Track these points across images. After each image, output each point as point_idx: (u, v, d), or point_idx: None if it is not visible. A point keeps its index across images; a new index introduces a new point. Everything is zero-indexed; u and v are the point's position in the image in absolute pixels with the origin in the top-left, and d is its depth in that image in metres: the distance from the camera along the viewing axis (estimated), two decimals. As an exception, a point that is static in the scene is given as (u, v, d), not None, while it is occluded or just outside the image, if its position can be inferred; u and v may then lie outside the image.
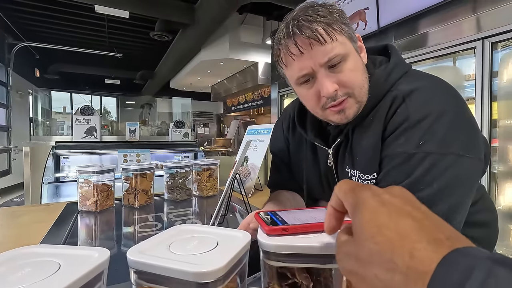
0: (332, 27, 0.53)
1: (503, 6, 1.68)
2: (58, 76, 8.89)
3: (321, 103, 0.57)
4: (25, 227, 0.81)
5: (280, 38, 0.57)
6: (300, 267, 0.29)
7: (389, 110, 0.57)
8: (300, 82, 0.58)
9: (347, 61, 0.55)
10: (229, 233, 0.31)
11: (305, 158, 0.75)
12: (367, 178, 0.61)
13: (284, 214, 0.35)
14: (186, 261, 0.24)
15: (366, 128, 0.60)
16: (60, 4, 4.88)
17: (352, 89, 0.56)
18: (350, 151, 0.63)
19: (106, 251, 0.25)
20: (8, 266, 0.24)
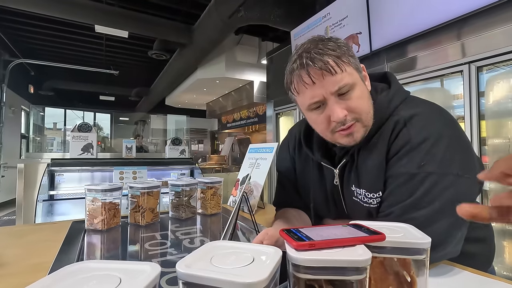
0: (341, 59, 0.60)
1: (486, 33, 1.81)
2: (53, 92, 8.88)
3: (331, 127, 0.63)
4: (34, 246, 0.81)
5: (293, 68, 0.63)
6: (327, 279, 0.32)
7: (391, 133, 0.63)
8: (311, 108, 0.64)
9: (355, 89, 0.61)
10: (261, 249, 0.34)
11: (312, 178, 0.79)
12: (373, 196, 0.65)
13: (307, 231, 0.38)
14: (231, 273, 0.27)
15: (371, 149, 0.65)
16: (59, 22, 4.97)
17: (360, 114, 0.62)
18: (356, 171, 0.68)
19: (157, 266, 0.28)
20: (73, 279, 0.26)
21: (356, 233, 0.38)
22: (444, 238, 0.55)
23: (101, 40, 6.04)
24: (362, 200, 0.67)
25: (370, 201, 0.65)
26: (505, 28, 1.71)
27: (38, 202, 2.31)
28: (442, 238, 0.55)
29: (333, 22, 2.80)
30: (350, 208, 0.73)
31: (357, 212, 0.70)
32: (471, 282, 0.55)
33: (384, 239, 0.37)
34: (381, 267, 0.41)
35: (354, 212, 0.72)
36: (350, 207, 0.73)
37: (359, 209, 0.69)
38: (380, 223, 0.45)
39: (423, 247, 0.38)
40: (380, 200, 0.64)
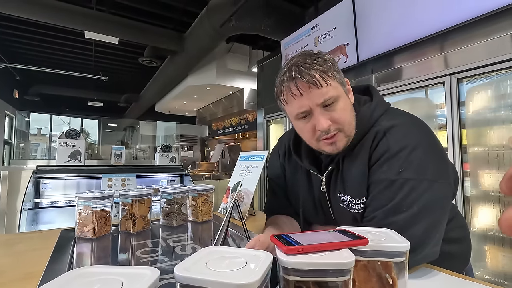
0: (327, 74, 0.65)
1: (467, 47, 1.91)
2: (39, 97, 8.69)
3: (316, 136, 0.68)
4: (24, 255, 0.80)
5: (283, 80, 0.68)
6: (314, 281, 0.35)
7: (372, 142, 0.68)
8: (298, 117, 0.69)
9: (339, 102, 0.66)
10: (253, 253, 0.36)
11: (301, 184, 0.82)
12: (357, 202, 0.69)
13: (296, 236, 0.41)
14: (226, 276, 0.29)
15: (355, 157, 0.70)
16: (46, 27, 4.92)
17: (343, 125, 0.67)
18: (341, 178, 0.72)
19: (156, 270, 0.30)
20: (80, 282, 0.28)
21: (341, 238, 0.41)
22: (423, 240, 0.59)
23: (90, 46, 5.99)
24: (347, 206, 0.71)
25: (355, 206, 0.69)
26: (483, 42, 1.82)
27: (22, 210, 2.25)
28: (421, 240, 0.59)
29: (321, 33, 2.89)
30: (337, 213, 0.76)
31: (343, 218, 0.73)
32: (448, 284, 0.58)
33: (367, 243, 0.40)
34: (364, 269, 0.43)
35: (341, 217, 0.75)
36: (337, 213, 0.76)
37: (345, 215, 0.72)
38: (364, 228, 0.48)
39: (402, 250, 0.41)
40: (364, 205, 0.68)
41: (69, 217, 2.34)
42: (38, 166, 2.60)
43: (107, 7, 4.33)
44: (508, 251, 1.76)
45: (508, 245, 1.76)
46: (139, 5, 4.41)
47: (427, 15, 2.03)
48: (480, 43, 1.84)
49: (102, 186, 2.57)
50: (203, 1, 3.94)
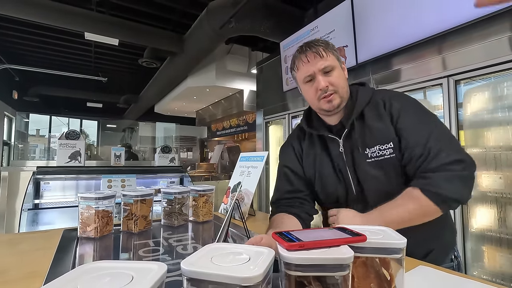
0: (328, 49, 0.87)
1: (465, 49, 1.93)
2: (38, 98, 8.68)
3: (317, 95, 0.87)
4: (27, 255, 0.81)
5: (296, 54, 0.91)
6: (315, 275, 0.36)
7: (385, 104, 0.87)
8: (305, 80, 0.89)
9: (335, 71, 0.87)
10: (256, 249, 0.37)
11: (318, 154, 0.95)
12: (386, 147, 0.83)
13: (297, 233, 0.42)
14: (231, 270, 0.31)
15: (373, 116, 0.87)
16: (46, 28, 4.93)
17: (337, 87, 0.87)
18: (363, 135, 0.86)
19: (163, 265, 0.31)
20: (90, 276, 0.29)
21: (341, 234, 0.42)
22: (465, 153, 0.78)
23: (90, 47, 6.00)
24: (376, 155, 0.84)
25: (384, 152, 0.83)
26: (481, 44, 1.84)
27: (22, 211, 2.25)
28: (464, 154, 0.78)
29: (321, 35, 2.91)
30: (362, 172, 0.86)
31: (367, 175, 0.86)
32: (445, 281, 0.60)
33: (365, 240, 0.41)
34: (363, 266, 0.45)
35: (365, 175, 0.86)
36: (361, 171, 0.87)
37: (369, 172, 0.85)
38: (362, 226, 0.49)
39: (399, 246, 0.42)
40: (392, 150, 0.82)
41: (69, 218, 2.35)
42: (38, 167, 2.61)
43: (107, 8, 4.35)
44: (505, 251, 1.78)
45: (506, 246, 1.78)
46: (139, 6, 4.43)
47: (425, 18, 2.05)
48: (477, 45, 1.86)
49: (102, 187, 2.58)
50: (203, 3, 3.96)
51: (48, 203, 2.51)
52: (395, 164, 0.83)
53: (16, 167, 3.50)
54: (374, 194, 0.86)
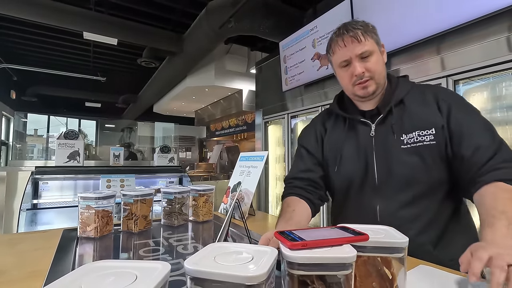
0: (367, 33, 0.83)
1: (464, 49, 1.93)
2: (36, 98, 8.65)
3: (352, 81, 0.85)
4: (27, 255, 0.81)
5: (333, 36, 0.87)
6: (318, 274, 0.36)
7: (435, 96, 0.83)
8: (341, 65, 0.86)
9: (373, 56, 0.83)
10: (259, 249, 0.37)
11: (345, 136, 0.93)
12: (426, 133, 0.80)
13: (299, 232, 0.42)
14: (234, 269, 0.31)
15: (417, 102, 0.84)
16: (44, 28, 4.91)
17: (374, 74, 0.83)
18: (401, 121, 0.83)
19: (167, 264, 0.31)
20: (94, 275, 0.29)
21: (343, 234, 0.42)
22: None
23: (88, 47, 5.99)
24: (414, 142, 0.80)
25: (423, 138, 0.80)
26: (479, 45, 1.84)
27: (21, 211, 2.24)
28: None
29: (320, 35, 2.91)
30: (394, 157, 0.83)
31: (403, 157, 0.81)
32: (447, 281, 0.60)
33: (368, 239, 0.42)
34: (365, 265, 0.45)
35: (399, 159, 0.82)
36: (394, 157, 0.83)
37: (407, 155, 0.81)
38: (363, 226, 0.49)
39: (401, 246, 0.42)
40: (433, 137, 0.79)
41: (68, 218, 2.34)
42: (37, 167, 2.60)
43: (106, 8, 4.34)
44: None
45: None
46: (138, 6, 4.42)
47: (424, 18, 2.06)
48: (476, 46, 1.87)
49: (101, 187, 2.57)
50: (202, 3, 3.95)
51: (46, 203, 2.51)
52: (434, 152, 0.79)
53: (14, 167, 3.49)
54: (398, 182, 0.82)
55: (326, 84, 3.01)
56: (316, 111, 3.12)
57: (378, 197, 0.85)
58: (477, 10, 1.76)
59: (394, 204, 0.83)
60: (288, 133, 3.57)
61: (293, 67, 3.34)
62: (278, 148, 3.94)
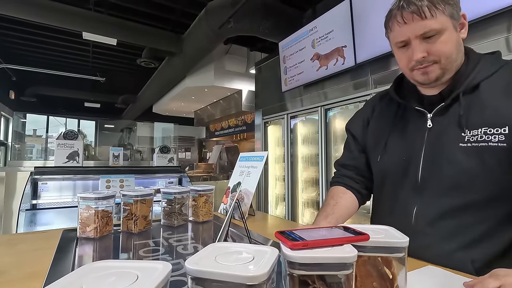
0: (435, 5, 0.65)
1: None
2: (35, 98, 8.64)
3: (410, 65, 0.71)
4: (27, 255, 0.81)
5: (392, 8, 0.72)
6: (318, 274, 0.36)
7: None
8: (398, 46, 0.72)
9: (443, 35, 0.66)
10: (260, 249, 0.37)
11: (393, 123, 0.82)
12: (496, 132, 0.63)
13: (300, 232, 0.42)
14: (235, 269, 0.31)
15: (493, 90, 0.67)
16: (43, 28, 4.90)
17: (439, 57, 0.68)
18: (468, 113, 0.68)
19: (168, 264, 0.31)
20: (95, 275, 0.29)
21: (344, 234, 0.42)
22: None
23: (88, 47, 5.98)
24: (478, 140, 0.65)
25: (491, 138, 0.64)
26: (479, 45, 1.85)
27: (20, 212, 2.24)
28: None
29: (319, 35, 2.91)
30: (447, 155, 0.70)
31: (459, 158, 0.67)
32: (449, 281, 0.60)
33: (368, 239, 0.42)
34: (366, 265, 0.45)
35: (452, 159, 0.69)
36: (447, 155, 0.70)
37: (464, 155, 0.67)
38: (364, 226, 0.49)
39: (402, 245, 0.43)
40: (504, 137, 0.62)
41: (67, 219, 2.33)
42: (36, 167, 2.60)
43: (105, 8, 4.34)
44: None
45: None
46: (137, 6, 4.43)
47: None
48: (475, 46, 1.87)
49: (100, 187, 2.56)
50: (201, 3, 3.96)
51: (46, 204, 2.50)
52: (502, 156, 0.63)
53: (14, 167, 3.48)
54: (444, 185, 0.69)
55: (326, 85, 3.02)
56: (315, 111, 3.12)
57: (417, 199, 0.73)
58: (476, 11, 1.77)
59: (434, 209, 0.70)
60: (288, 133, 3.57)
61: (293, 67, 3.34)
62: (277, 148, 3.94)
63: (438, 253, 0.69)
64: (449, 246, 0.69)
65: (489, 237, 0.67)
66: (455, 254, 0.68)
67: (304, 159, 3.45)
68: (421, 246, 0.69)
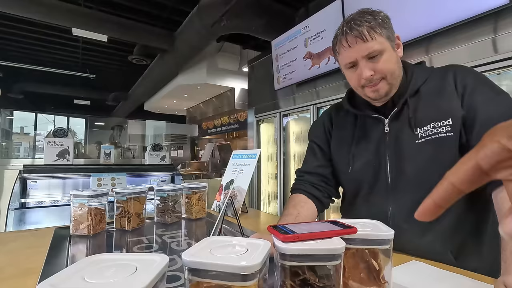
0: (374, 29, 0.74)
1: (450, 50, 1.99)
2: (23, 95, 8.45)
3: (361, 83, 0.78)
4: (19, 253, 0.81)
5: (337, 34, 0.80)
6: (309, 265, 0.38)
7: (454, 78, 0.76)
8: (347, 67, 0.80)
9: (384, 55, 0.75)
10: (253, 242, 0.39)
11: (354, 134, 0.88)
12: (442, 124, 0.73)
13: (291, 226, 0.44)
14: (230, 260, 0.32)
15: (430, 91, 0.77)
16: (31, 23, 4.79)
17: (385, 74, 0.76)
18: (416, 114, 0.77)
19: (165, 257, 0.33)
20: (97, 266, 0.30)
21: (333, 227, 0.44)
22: None
23: (78, 43, 5.87)
24: (428, 135, 0.74)
25: (439, 130, 0.73)
26: (466, 46, 1.90)
27: (9, 210, 2.20)
28: None
29: (312, 34, 2.94)
30: (408, 153, 0.77)
31: (418, 153, 0.75)
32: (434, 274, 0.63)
33: (356, 232, 0.44)
34: (354, 257, 0.47)
35: (413, 155, 0.76)
36: (408, 153, 0.77)
37: (422, 149, 0.75)
38: (352, 220, 0.52)
39: (387, 238, 0.45)
40: (450, 128, 0.72)
41: (57, 217, 2.31)
42: (25, 165, 2.55)
43: (96, 3, 4.26)
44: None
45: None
46: (129, 2, 4.37)
47: (413, 19, 2.10)
48: (463, 47, 1.92)
49: (91, 186, 2.54)
50: (194, 0, 3.93)
51: (35, 202, 2.47)
52: (452, 144, 0.71)
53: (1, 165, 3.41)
54: (411, 181, 0.75)
55: (318, 83, 3.05)
56: (308, 109, 3.15)
57: (390, 199, 0.79)
58: (464, 12, 1.82)
59: (407, 207, 0.76)
60: (280, 131, 3.60)
61: (285, 66, 3.36)
62: (270, 146, 3.97)
63: (418, 247, 0.75)
64: (427, 239, 0.75)
65: (460, 225, 0.73)
66: (434, 246, 0.73)
67: (297, 157, 3.49)
68: (401, 242, 0.72)
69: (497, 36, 1.77)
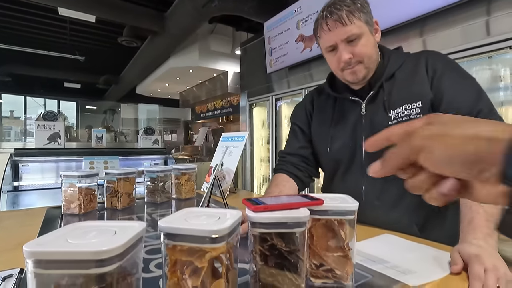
0: (353, 14, 0.77)
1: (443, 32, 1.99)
2: (10, 78, 8.23)
3: (340, 66, 0.82)
4: (14, 230, 0.84)
5: (318, 18, 0.83)
6: (276, 232, 0.42)
7: (426, 62, 0.80)
8: (327, 50, 0.83)
9: (362, 39, 0.78)
10: (227, 211, 0.43)
11: (333, 116, 0.93)
12: (413, 106, 0.77)
13: (264, 199, 0.48)
14: (201, 225, 0.36)
15: (407, 75, 0.82)
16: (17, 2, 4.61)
17: (362, 58, 0.80)
18: (390, 96, 0.82)
19: (143, 223, 0.36)
20: (79, 231, 0.33)
21: (302, 199, 0.48)
22: None
23: (65, 23, 5.69)
24: (401, 116, 0.79)
25: (410, 112, 0.78)
26: (461, 28, 1.90)
27: (2, 193, 2.22)
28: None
29: (304, 16, 2.91)
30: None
31: None
32: (399, 244, 0.69)
33: (322, 203, 0.48)
34: (322, 227, 0.52)
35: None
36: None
37: None
38: (324, 194, 0.56)
39: (352, 209, 0.49)
40: (419, 110, 0.76)
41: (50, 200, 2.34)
42: (16, 149, 2.55)
43: (82, -18, 4.11)
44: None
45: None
46: (117, -19, 4.22)
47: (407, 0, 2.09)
48: (458, 28, 1.92)
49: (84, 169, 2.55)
50: (184, -21, 3.82)
51: (28, 185, 2.49)
52: None
53: (-9, 149, 3.39)
54: None
55: (311, 66, 3.04)
56: (300, 93, 3.17)
57: (365, 179, 0.85)
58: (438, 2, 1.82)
59: (379, 185, 0.82)
60: (273, 115, 3.62)
61: (278, 48, 3.33)
62: (262, 130, 4.00)
63: (388, 221, 0.82)
64: (395, 213, 0.82)
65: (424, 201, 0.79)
66: (401, 220, 0.81)
67: (288, 140, 3.52)
68: (373, 216, 0.83)
69: (490, 17, 1.76)
